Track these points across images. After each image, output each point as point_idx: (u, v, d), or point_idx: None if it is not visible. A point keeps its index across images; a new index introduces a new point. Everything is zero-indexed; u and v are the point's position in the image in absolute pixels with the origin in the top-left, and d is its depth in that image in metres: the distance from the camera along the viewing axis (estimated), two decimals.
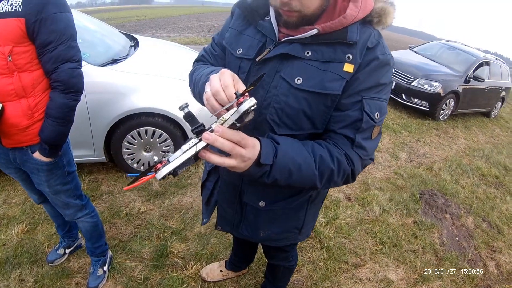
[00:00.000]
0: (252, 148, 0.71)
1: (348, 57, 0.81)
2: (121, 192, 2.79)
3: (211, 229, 2.50)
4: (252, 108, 0.67)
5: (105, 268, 2.00)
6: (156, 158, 0.71)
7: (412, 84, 6.18)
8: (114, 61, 2.78)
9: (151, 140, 2.81)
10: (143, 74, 2.76)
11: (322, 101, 0.84)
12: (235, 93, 0.68)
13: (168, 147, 2.87)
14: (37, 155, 1.43)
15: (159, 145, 2.85)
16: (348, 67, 0.81)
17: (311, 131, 0.90)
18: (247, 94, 0.71)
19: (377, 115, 0.84)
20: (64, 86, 1.33)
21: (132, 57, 3.00)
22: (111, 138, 2.73)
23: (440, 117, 6.28)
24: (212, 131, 0.67)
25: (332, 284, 2.23)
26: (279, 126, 0.89)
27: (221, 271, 2.12)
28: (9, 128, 1.33)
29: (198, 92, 0.97)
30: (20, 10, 1.19)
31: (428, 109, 6.12)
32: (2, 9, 1.19)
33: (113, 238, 2.30)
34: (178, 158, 0.67)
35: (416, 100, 6.17)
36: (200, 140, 0.69)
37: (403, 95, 6.31)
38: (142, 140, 2.80)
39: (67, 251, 2.12)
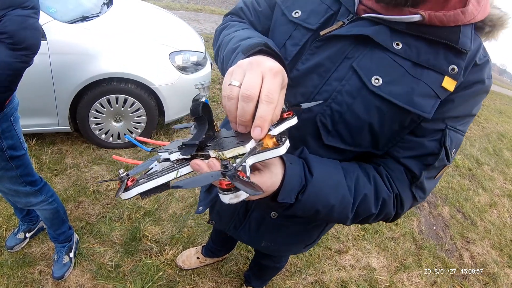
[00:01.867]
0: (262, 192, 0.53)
1: (453, 69, 0.58)
2: (87, 166, 2.51)
3: (187, 210, 2.32)
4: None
5: (71, 254, 1.78)
6: (122, 170, 0.51)
7: None
8: (84, 19, 2.44)
9: (122, 109, 2.54)
10: (116, 34, 2.45)
11: (399, 119, 0.62)
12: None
13: (140, 117, 2.61)
14: None
15: (130, 114, 2.58)
16: (449, 84, 0.59)
17: (368, 150, 0.68)
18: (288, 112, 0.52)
19: (453, 152, 0.65)
20: (12, 39, 1.03)
21: (104, 15, 2.65)
22: (77, 105, 2.44)
23: None
24: (208, 157, 0.48)
25: (316, 271, 2.14)
26: (329, 134, 0.66)
27: (198, 258, 1.95)
28: None
29: (222, 58, 0.72)
30: None
31: None
32: None
33: (79, 220, 2.06)
34: (152, 180, 0.48)
35: None
36: (187, 161, 0.50)
37: None
38: (112, 109, 2.52)
39: (28, 235, 1.87)
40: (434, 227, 3.02)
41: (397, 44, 0.59)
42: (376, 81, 0.59)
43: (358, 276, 2.20)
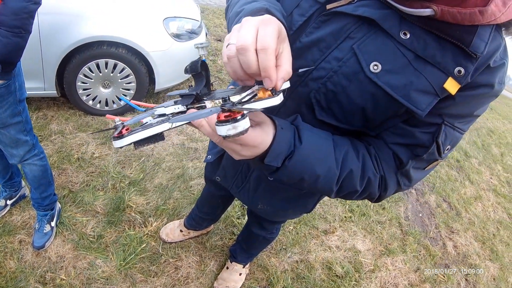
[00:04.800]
0: (253, 148, 0.52)
1: (459, 71, 0.55)
2: (73, 133, 2.42)
3: (173, 181, 2.27)
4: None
5: (53, 223, 1.72)
6: (118, 119, 0.53)
7: None
8: None
9: (111, 74, 2.43)
10: None
11: (393, 108, 0.60)
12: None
13: (130, 84, 2.51)
14: None
15: (120, 81, 2.48)
16: (451, 86, 0.56)
17: (359, 130, 0.67)
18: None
19: (448, 148, 0.63)
20: None
21: None
22: (64, 69, 2.32)
23: None
24: (204, 108, 0.51)
25: (301, 249, 2.13)
26: (323, 110, 0.66)
27: (181, 230, 1.90)
28: None
29: (228, 20, 0.71)
30: None
31: None
32: None
33: (62, 187, 1.99)
34: (147, 129, 0.50)
35: None
36: (182, 114, 0.53)
37: None
38: (100, 74, 2.41)
39: (9, 202, 1.80)
40: (420, 214, 3.04)
41: (405, 34, 0.56)
42: (375, 67, 0.57)
43: (343, 258, 2.20)
